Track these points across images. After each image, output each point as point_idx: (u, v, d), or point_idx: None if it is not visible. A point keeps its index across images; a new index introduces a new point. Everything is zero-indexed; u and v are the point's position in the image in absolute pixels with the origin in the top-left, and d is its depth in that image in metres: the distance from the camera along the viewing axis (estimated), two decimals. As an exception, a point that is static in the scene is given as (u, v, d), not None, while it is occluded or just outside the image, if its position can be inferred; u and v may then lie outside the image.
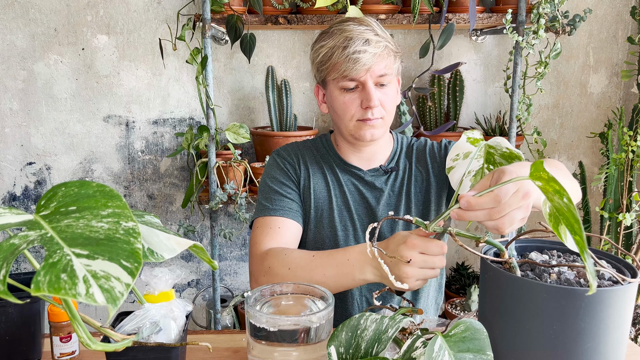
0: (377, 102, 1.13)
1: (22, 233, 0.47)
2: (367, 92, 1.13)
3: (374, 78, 1.13)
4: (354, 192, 1.23)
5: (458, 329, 0.64)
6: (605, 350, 0.66)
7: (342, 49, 1.11)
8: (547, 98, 2.22)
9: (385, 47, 1.13)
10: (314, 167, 1.25)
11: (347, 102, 1.15)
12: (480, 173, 0.83)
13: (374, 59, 1.11)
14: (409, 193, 1.23)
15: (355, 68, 1.11)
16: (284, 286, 0.89)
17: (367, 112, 1.14)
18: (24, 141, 2.16)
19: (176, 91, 2.15)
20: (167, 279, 0.87)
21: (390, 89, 1.17)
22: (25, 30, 2.07)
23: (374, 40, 1.11)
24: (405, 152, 1.28)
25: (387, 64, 1.14)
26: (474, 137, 0.84)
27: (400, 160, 1.26)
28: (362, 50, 1.10)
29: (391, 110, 1.18)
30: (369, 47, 1.10)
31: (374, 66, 1.12)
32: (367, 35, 1.11)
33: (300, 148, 1.29)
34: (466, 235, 0.77)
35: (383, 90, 1.15)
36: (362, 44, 1.10)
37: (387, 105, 1.16)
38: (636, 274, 0.71)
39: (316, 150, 1.28)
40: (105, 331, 0.61)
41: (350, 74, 1.11)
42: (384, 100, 1.15)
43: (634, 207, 1.90)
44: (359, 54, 1.10)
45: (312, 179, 1.24)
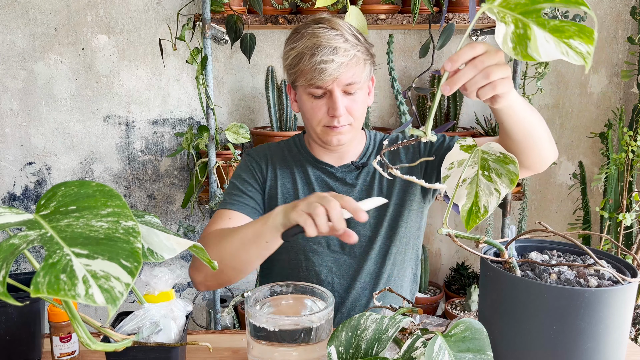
0: (343, 111, 1.13)
1: (22, 233, 0.47)
2: (333, 101, 1.12)
3: (341, 87, 1.12)
4: (325, 189, 1.24)
5: (458, 328, 0.64)
6: (605, 350, 0.66)
7: (310, 56, 1.09)
8: (547, 98, 2.22)
9: (354, 55, 1.10)
10: (282, 167, 1.26)
11: (315, 108, 1.15)
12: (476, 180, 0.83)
13: (341, 68, 1.09)
14: (381, 187, 1.24)
15: (321, 78, 1.09)
16: (284, 286, 0.89)
17: (333, 120, 1.14)
18: (24, 141, 2.16)
19: (176, 91, 2.15)
20: (167, 279, 0.87)
21: (359, 96, 1.16)
22: (25, 30, 2.07)
23: (342, 49, 1.09)
24: (377, 148, 1.29)
25: (356, 73, 1.12)
26: (466, 144, 0.83)
27: (372, 157, 1.27)
28: (329, 60, 1.08)
29: (359, 116, 1.18)
30: (336, 56, 1.08)
31: (341, 76, 1.10)
32: (335, 42, 1.09)
33: (272, 149, 1.30)
34: (466, 236, 0.77)
35: (351, 98, 1.14)
36: (330, 52, 1.08)
37: (355, 112, 1.16)
38: (636, 273, 0.71)
39: (287, 151, 1.29)
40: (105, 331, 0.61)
41: (316, 82, 1.10)
42: (352, 108, 1.15)
43: (634, 207, 1.90)
44: (325, 64, 1.08)
45: (280, 179, 1.25)
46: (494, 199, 0.79)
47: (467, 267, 2.28)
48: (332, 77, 1.10)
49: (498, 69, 0.79)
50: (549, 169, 2.25)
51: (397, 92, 1.96)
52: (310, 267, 1.24)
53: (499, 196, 0.79)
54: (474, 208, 0.80)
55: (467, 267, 2.28)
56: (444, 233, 0.81)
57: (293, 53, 1.13)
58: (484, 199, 0.80)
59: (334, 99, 1.12)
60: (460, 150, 0.83)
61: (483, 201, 0.80)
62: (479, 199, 0.81)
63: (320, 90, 1.13)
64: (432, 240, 2.35)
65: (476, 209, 0.80)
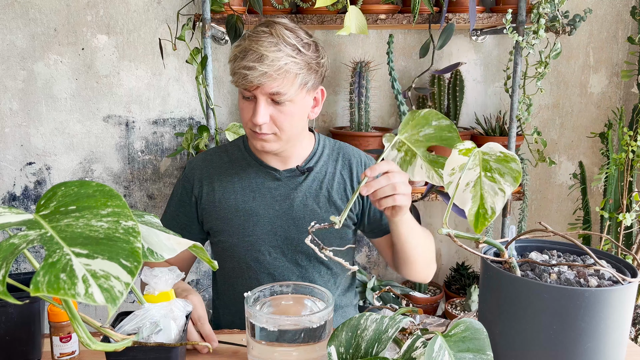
0: (262, 120, 1.11)
1: (22, 233, 0.47)
2: (256, 108, 1.11)
3: (265, 94, 1.10)
4: (267, 193, 1.23)
5: (458, 328, 0.64)
6: (605, 350, 0.66)
7: (240, 59, 1.09)
8: (547, 98, 2.22)
9: (280, 67, 1.07)
10: (221, 177, 1.25)
11: (243, 109, 1.15)
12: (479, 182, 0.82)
13: (263, 78, 1.07)
14: (329, 194, 1.24)
15: (242, 82, 1.09)
16: (284, 286, 0.89)
17: (255, 126, 1.13)
18: (23, 141, 2.16)
19: (176, 91, 2.15)
20: (167, 279, 0.87)
21: (289, 108, 1.12)
22: (25, 30, 2.07)
23: (270, 58, 1.06)
24: (327, 154, 1.28)
25: (282, 84, 1.09)
26: (465, 148, 0.82)
27: (319, 161, 1.26)
28: (252, 67, 1.07)
29: (287, 128, 1.14)
30: (261, 64, 1.06)
31: (264, 85, 1.08)
32: (264, 49, 1.07)
33: (208, 159, 1.29)
34: (466, 236, 0.77)
35: (278, 108, 1.12)
36: (255, 59, 1.07)
37: (280, 123, 1.13)
38: (636, 273, 0.71)
39: (228, 156, 1.28)
40: (105, 331, 0.61)
41: (240, 85, 1.11)
42: (278, 119, 1.12)
43: (634, 207, 1.90)
44: (247, 70, 1.07)
45: (218, 191, 1.24)
46: (500, 199, 0.79)
47: (467, 267, 2.28)
48: (252, 84, 1.09)
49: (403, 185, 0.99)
50: (550, 168, 2.25)
51: (397, 92, 1.96)
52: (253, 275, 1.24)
53: (505, 195, 0.79)
54: (481, 211, 0.80)
55: (467, 267, 2.28)
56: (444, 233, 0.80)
57: (233, 52, 1.13)
58: (489, 200, 0.80)
59: (256, 105, 1.11)
60: (459, 155, 0.83)
61: (489, 202, 0.80)
62: (484, 200, 0.80)
63: (248, 92, 1.12)
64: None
65: (483, 211, 0.80)
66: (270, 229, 1.22)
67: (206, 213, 1.25)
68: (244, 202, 1.22)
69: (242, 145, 1.29)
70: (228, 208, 1.23)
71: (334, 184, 1.25)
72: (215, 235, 1.26)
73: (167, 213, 1.31)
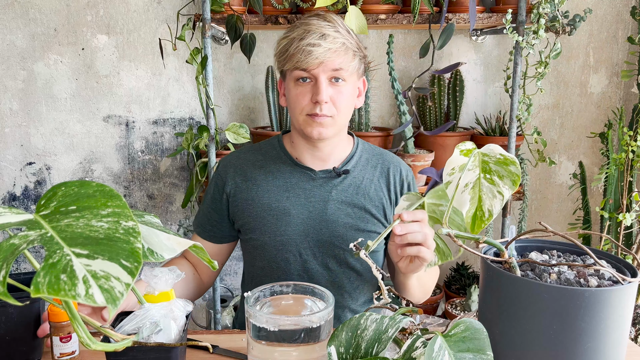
0: (326, 98, 1.12)
1: (22, 233, 0.47)
2: (317, 86, 1.12)
3: (327, 73, 1.12)
4: (302, 194, 1.21)
5: (458, 328, 0.64)
6: (605, 350, 0.66)
7: (299, 40, 1.11)
8: (547, 98, 2.22)
9: (342, 43, 1.12)
10: (255, 175, 1.24)
11: (299, 94, 1.15)
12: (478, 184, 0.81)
13: (328, 53, 1.10)
14: (364, 201, 1.22)
15: (307, 60, 1.10)
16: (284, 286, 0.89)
17: (316, 106, 1.14)
18: (23, 141, 2.16)
19: (176, 91, 2.15)
20: (167, 279, 0.87)
21: (346, 88, 1.15)
22: (25, 30, 2.07)
23: (332, 36, 1.11)
24: (366, 158, 1.27)
25: (344, 61, 1.13)
26: (466, 149, 0.82)
27: (357, 166, 1.25)
28: (317, 44, 1.10)
29: (344, 110, 1.17)
30: (324, 41, 1.10)
31: (328, 61, 1.11)
32: (325, 30, 1.11)
33: (242, 157, 1.28)
34: (466, 236, 0.77)
35: (337, 88, 1.14)
36: (318, 37, 1.10)
37: (339, 103, 1.15)
38: (636, 273, 0.71)
39: (262, 155, 1.27)
40: (105, 331, 0.61)
41: (301, 65, 1.11)
42: (337, 98, 1.14)
43: (634, 207, 1.90)
44: (312, 47, 1.10)
45: (252, 189, 1.23)
46: (498, 202, 0.79)
47: (467, 267, 2.28)
48: (318, 61, 1.10)
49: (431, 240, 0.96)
50: (550, 168, 2.25)
51: (397, 92, 1.96)
52: (282, 276, 1.22)
53: (503, 199, 0.79)
54: (479, 213, 0.80)
55: (467, 267, 2.28)
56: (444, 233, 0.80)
57: (284, 41, 1.15)
58: (487, 202, 0.80)
59: (318, 83, 1.12)
60: (461, 155, 0.82)
61: (487, 205, 0.80)
62: (482, 203, 0.80)
63: (305, 73, 1.13)
64: (432, 240, 2.35)
65: (480, 213, 0.80)
66: (303, 230, 1.20)
67: (238, 210, 1.24)
68: (277, 201, 1.21)
69: (277, 144, 1.28)
70: (261, 206, 1.21)
71: (370, 191, 1.23)
72: (247, 233, 1.24)
73: (201, 211, 1.30)
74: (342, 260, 1.21)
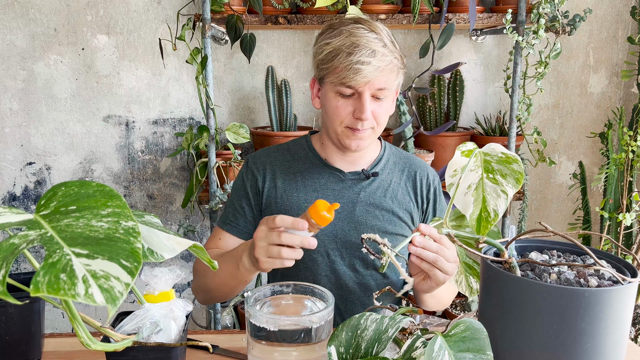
0: (369, 115, 1.12)
1: (22, 233, 0.47)
2: (361, 104, 1.11)
3: (371, 90, 1.10)
4: (330, 194, 1.21)
5: (458, 328, 0.64)
6: (605, 350, 0.66)
7: (347, 54, 1.07)
8: (547, 98, 2.22)
9: (390, 61, 1.09)
10: (285, 175, 1.23)
11: (340, 107, 1.13)
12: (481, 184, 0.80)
13: (376, 72, 1.08)
14: (392, 204, 1.22)
15: (355, 78, 1.07)
16: (284, 286, 0.89)
17: (357, 122, 1.13)
18: (24, 141, 2.16)
19: (176, 91, 2.15)
20: (167, 279, 0.87)
21: (386, 102, 1.15)
22: (25, 30, 2.07)
23: (380, 53, 1.08)
24: (394, 162, 1.27)
25: (389, 79, 1.11)
26: (467, 149, 0.81)
27: (385, 169, 1.25)
28: (366, 62, 1.06)
29: (383, 122, 1.16)
30: (374, 59, 1.07)
31: (374, 80, 1.09)
32: (374, 45, 1.07)
33: (271, 155, 1.27)
34: (466, 237, 0.77)
35: (378, 103, 1.13)
36: (368, 54, 1.06)
37: (379, 117, 1.14)
38: (636, 273, 0.71)
39: (293, 154, 1.26)
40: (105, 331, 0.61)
41: (348, 82, 1.09)
42: (378, 113, 1.14)
43: (634, 207, 1.90)
44: (361, 65, 1.06)
45: (281, 188, 1.22)
46: (502, 202, 0.78)
47: (467, 267, 2.28)
48: (366, 80, 1.08)
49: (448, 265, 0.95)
50: (550, 168, 2.25)
51: (397, 92, 1.96)
52: (309, 277, 1.21)
53: (507, 198, 0.78)
54: (484, 214, 0.79)
55: (467, 267, 2.28)
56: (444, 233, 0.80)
57: (328, 48, 1.10)
58: (492, 202, 0.79)
59: (362, 101, 1.10)
60: (462, 157, 0.82)
61: (492, 205, 0.79)
62: (487, 203, 0.79)
63: (350, 90, 1.11)
64: (432, 240, 2.35)
65: (486, 214, 0.79)
66: (331, 230, 1.19)
67: (266, 208, 1.23)
68: (306, 201, 1.20)
69: (306, 144, 1.27)
70: (290, 205, 1.21)
71: (398, 194, 1.23)
72: None
73: (228, 207, 1.27)
74: (369, 262, 1.21)
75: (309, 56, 2.15)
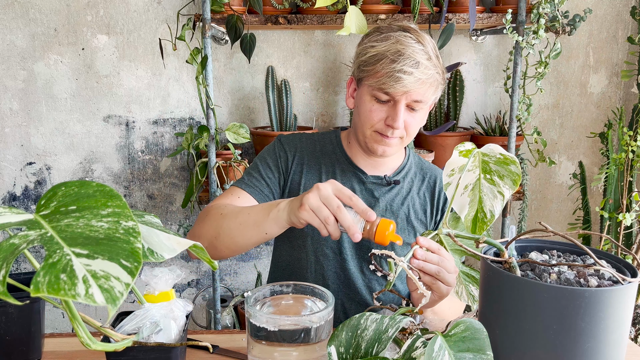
0: (401, 125, 1.11)
1: (22, 233, 0.47)
2: (395, 112, 1.10)
3: (408, 100, 1.10)
4: None
5: (458, 328, 0.64)
6: (606, 350, 0.66)
7: (390, 61, 1.07)
8: (547, 98, 2.22)
9: (432, 75, 1.09)
10: (310, 164, 1.23)
11: (373, 111, 1.12)
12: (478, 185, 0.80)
13: (417, 84, 1.07)
14: (408, 213, 1.22)
15: (394, 86, 1.07)
16: (284, 286, 0.89)
17: (388, 129, 1.12)
18: (24, 141, 2.16)
19: (176, 91, 2.14)
20: (167, 279, 0.87)
21: (420, 115, 1.15)
22: (25, 30, 2.07)
23: (424, 65, 1.07)
24: (414, 171, 1.27)
25: (427, 93, 1.10)
26: (465, 149, 0.81)
27: (407, 177, 1.25)
28: (409, 72, 1.06)
29: (412, 133, 1.16)
30: (417, 70, 1.06)
31: (413, 91, 1.08)
32: (419, 57, 1.07)
33: (303, 141, 1.27)
34: (466, 237, 0.77)
35: (412, 114, 1.13)
36: (412, 64, 1.06)
37: (410, 129, 1.14)
38: (636, 273, 0.71)
39: (320, 146, 1.26)
40: (105, 331, 0.61)
41: (387, 89, 1.08)
42: (410, 124, 1.13)
43: (634, 207, 1.90)
44: (403, 74, 1.06)
45: (305, 176, 1.22)
46: (499, 203, 0.78)
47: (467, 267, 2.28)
48: (405, 90, 1.07)
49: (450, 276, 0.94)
50: (550, 168, 2.25)
51: (397, 92, 1.96)
52: (319, 271, 1.21)
53: (504, 199, 0.78)
54: (479, 215, 0.79)
55: (467, 267, 2.28)
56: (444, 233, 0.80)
57: (373, 51, 1.10)
58: (488, 203, 0.79)
59: (397, 109, 1.10)
60: (460, 156, 0.82)
61: (488, 206, 0.79)
62: (483, 204, 0.79)
63: (386, 97, 1.10)
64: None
65: (482, 215, 0.79)
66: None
67: (288, 189, 1.23)
68: None
69: (335, 139, 1.27)
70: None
71: (415, 203, 1.23)
72: None
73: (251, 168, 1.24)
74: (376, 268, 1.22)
75: (309, 56, 2.15)
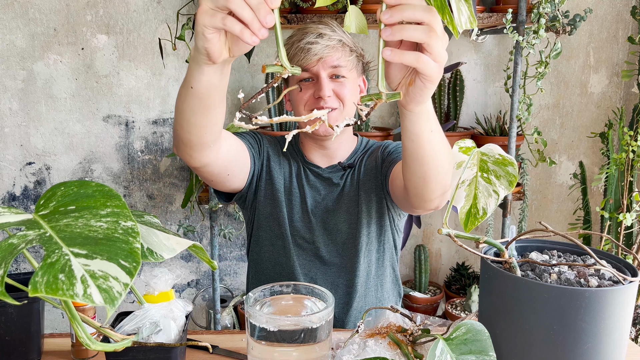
0: (328, 92, 1.15)
1: (21, 232, 0.47)
2: (319, 83, 1.15)
3: (327, 70, 1.15)
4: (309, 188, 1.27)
5: (459, 331, 0.64)
6: (606, 350, 0.66)
7: (298, 41, 1.15)
8: (548, 98, 2.22)
9: (339, 40, 1.16)
10: (275, 160, 1.28)
11: (302, 92, 1.18)
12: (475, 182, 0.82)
13: (326, 50, 1.14)
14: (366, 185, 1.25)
15: (306, 57, 1.14)
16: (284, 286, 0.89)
17: (319, 101, 1.15)
18: (23, 141, 2.15)
19: (176, 91, 2.14)
20: (167, 279, 0.87)
21: (349, 83, 1.18)
22: (24, 30, 2.07)
23: (328, 35, 1.15)
24: (366, 151, 1.31)
25: (342, 56, 1.16)
26: (465, 146, 0.83)
27: (360, 159, 1.29)
28: (314, 42, 1.14)
29: (348, 102, 1.18)
30: (321, 39, 1.14)
31: (327, 57, 1.15)
32: (322, 30, 1.16)
33: (271, 140, 1.33)
34: (466, 237, 0.77)
35: (340, 83, 1.17)
36: (315, 37, 1.15)
37: (342, 95, 1.17)
38: (636, 273, 0.71)
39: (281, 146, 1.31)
40: (105, 331, 0.61)
41: (302, 63, 1.14)
42: (339, 91, 1.17)
43: (634, 207, 1.90)
44: (310, 45, 1.14)
45: (271, 171, 1.27)
46: (493, 201, 0.79)
47: (467, 267, 2.28)
48: (317, 57, 1.14)
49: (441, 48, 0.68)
50: (550, 168, 2.25)
51: (397, 92, 1.96)
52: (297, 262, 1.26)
53: (498, 198, 0.79)
54: (473, 210, 0.80)
55: (467, 267, 2.28)
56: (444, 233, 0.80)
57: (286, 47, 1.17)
58: (482, 200, 0.80)
59: (320, 80, 1.15)
60: (460, 152, 0.83)
61: (482, 203, 0.80)
62: (477, 200, 0.80)
63: (307, 73, 1.16)
64: (432, 240, 2.35)
65: (475, 210, 0.80)
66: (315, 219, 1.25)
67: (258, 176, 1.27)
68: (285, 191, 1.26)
69: (293, 140, 1.33)
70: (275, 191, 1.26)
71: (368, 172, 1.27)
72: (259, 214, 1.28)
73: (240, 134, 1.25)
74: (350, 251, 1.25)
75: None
